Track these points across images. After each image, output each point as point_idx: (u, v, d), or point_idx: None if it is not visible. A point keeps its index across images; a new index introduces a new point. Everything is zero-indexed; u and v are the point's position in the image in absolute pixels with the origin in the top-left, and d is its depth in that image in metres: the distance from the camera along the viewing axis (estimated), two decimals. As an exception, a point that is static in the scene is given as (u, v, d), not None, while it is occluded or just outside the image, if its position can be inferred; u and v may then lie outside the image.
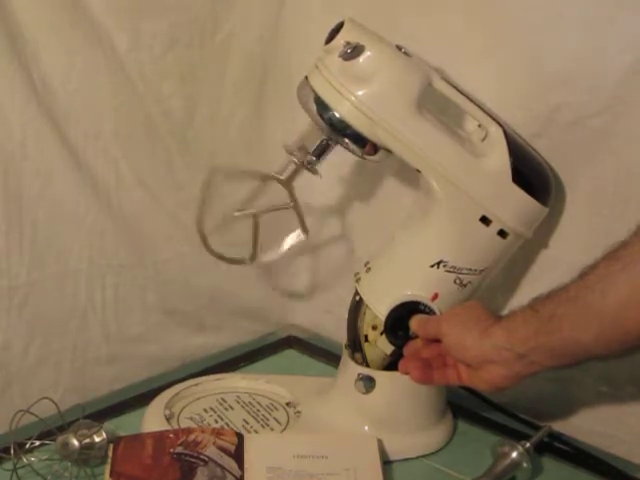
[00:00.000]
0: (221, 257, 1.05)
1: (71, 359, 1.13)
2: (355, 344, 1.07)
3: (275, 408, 1.13)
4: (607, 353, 0.86)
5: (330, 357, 1.24)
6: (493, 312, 0.96)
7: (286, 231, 1.07)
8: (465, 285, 1.02)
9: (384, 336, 1.03)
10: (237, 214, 1.06)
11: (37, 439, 0.99)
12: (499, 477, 1.00)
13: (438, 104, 1.01)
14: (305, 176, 1.06)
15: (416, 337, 1.01)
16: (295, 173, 1.02)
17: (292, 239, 1.07)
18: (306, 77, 1.00)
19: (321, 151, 1.01)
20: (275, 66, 1.22)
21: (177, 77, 1.15)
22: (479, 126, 1.02)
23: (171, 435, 1.01)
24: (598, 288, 0.83)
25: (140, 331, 1.19)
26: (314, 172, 1.02)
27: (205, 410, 1.11)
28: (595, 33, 0.99)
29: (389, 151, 1.00)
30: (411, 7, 1.11)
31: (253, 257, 1.05)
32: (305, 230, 1.04)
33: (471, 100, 1.01)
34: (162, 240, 1.19)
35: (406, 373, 0.99)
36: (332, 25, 0.98)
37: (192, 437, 1.01)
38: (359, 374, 1.06)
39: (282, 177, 1.02)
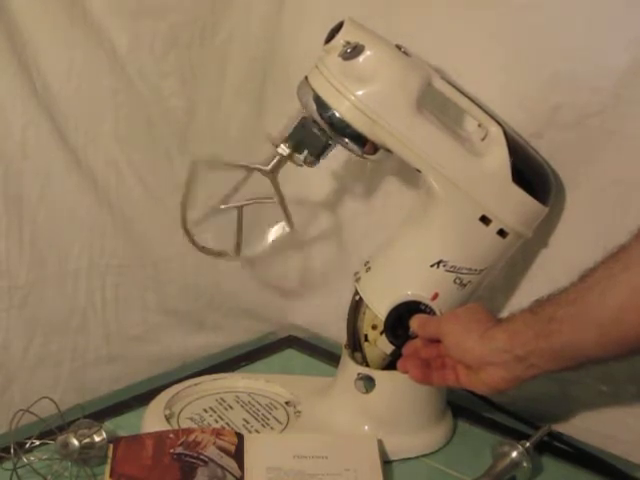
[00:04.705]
0: (204, 249, 1.06)
1: (71, 359, 1.13)
2: (355, 344, 1.07)
3: (275, 407, 1.13)
4: (606, 356, 0.86)
5: (330, 357, 1.24)
6: (494, 314, 0.96)
7: (271, 225, 1.06)
8: (465, 285, 1.02)
9: (384, 336, 1.03)
10: (223, 207, 1.05)
11: (37, 439, 0.99)
12: (499, 477, 1.00)
13: (438, 104, 1.01)
14: (303, 175, 1.07)
15: (416, 337, 1.01)
16: (280, 165, 1.01)
17: (276, 232, 1.06)
18: (306, 77, 1.00)
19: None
20: (275, 66, 1.22)
21: (177, 77, 1.15)
22: (479, 126, 1.02)
23: (171, 435, 1.01)
24: (597, 290, 0.83)
25: (140, 331, 1.19)
26: (299, 164, 1.02)
27: (205, 410, 1.11)
28: (595, 33, 0.99)
29: (389, 151, 1.00)
30: (411, 7, 1.11)
31: (237, 250, 1.05)
32: (290, 224, 1.03)
33: (471, 100, 1.01)
34: (162, 240, 1.19)
35: (405, 372, 0.99)
36: (332, 25, 0.98)
37: (192, 437, 1.01)
38: (359, 374, 1.06)
39: (267, 168, 1.01)
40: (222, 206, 1.06)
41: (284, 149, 1.00)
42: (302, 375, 1.22)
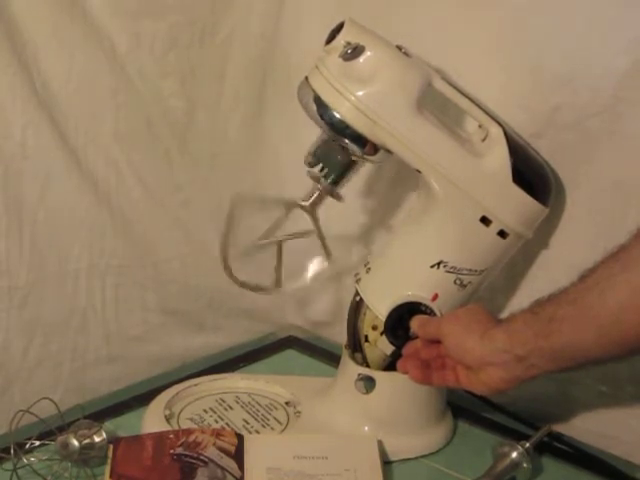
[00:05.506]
0: (245, 285, 1.06)
1: (71, 359, 1.13)
2: (355, 344, 1.07)
3: (275, 408, 1.13)
4: (606, 356, 0.86)
5: (330, 357, 1.24)
6: (494, 315, 0.96)
7: (310, 257, 1.08)
8: (465, 285, 1.02)
9: (384, 336, 1.03)
10: (261, 242, 1.06)
11: (37, 439, 0.99)
12: (499, 477, 1.00)
13: (438, 104, 1.01)
14: (303, 175, 1.06)
15: (416, 338, 1.01)
16: (320, 200, 1.03)
17: (315, 266, 1.08)
18: (306, 77, 1.00)
19: (342, 176, 1.02)
20: (275, 66, 1.22)
21: (177, 77, 1.15)
22: (479, 126, 1.02)
23: (171, 436, 1.01)
24: (597, 290, 0.83)
25: (140, 331, 1.19)
26: (339, 198, 1.03)
27: (205, 410, 1.11)
28: (595, 33, 0.99)
29: (389, 151, 1.00)
30: (411, 7, 1.11)
31: (277, 284, 1.06)
32: (328, 257, 1.05)
33: (471, 100, 1.01)
34: (162, 240, 1.19)
35: (405, 372, 0.99)
36: (332, 25, 0.98)
37: (192, 438, 1.01)
38: (359, 374, 1.06)
39: (306, 204, 1.02)
40: (262, 241, 1.06)
41: (323, 183, 1.01)
42: (302, 375, 1.21)
